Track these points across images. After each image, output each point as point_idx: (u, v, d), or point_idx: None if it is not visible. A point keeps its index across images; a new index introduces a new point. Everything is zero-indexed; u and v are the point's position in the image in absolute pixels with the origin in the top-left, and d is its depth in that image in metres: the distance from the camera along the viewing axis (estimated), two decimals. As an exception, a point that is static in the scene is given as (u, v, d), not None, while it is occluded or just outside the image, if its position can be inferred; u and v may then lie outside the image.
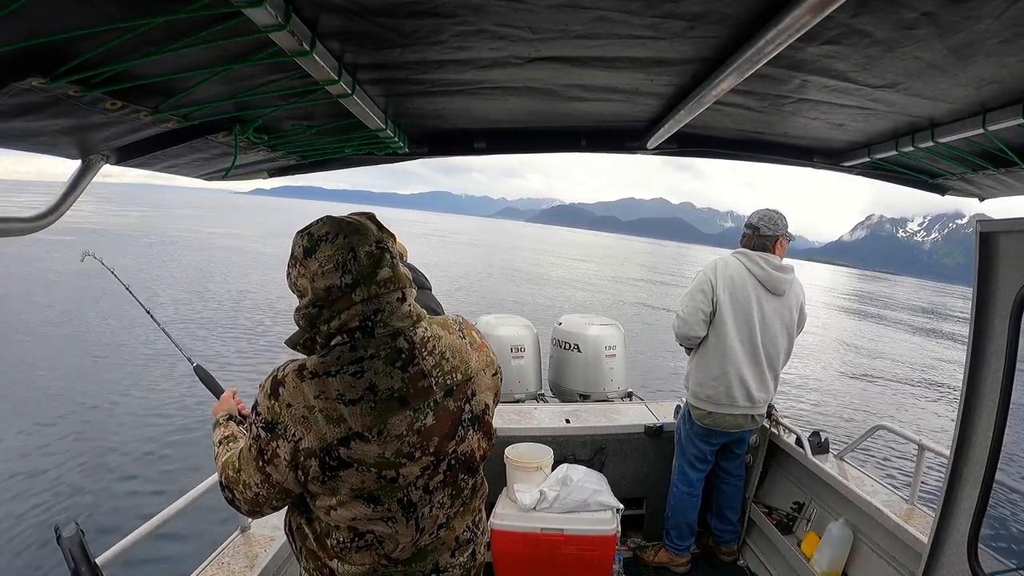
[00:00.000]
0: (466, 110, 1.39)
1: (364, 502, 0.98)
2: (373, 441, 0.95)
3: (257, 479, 0.99)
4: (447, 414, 1.03)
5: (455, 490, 1.08)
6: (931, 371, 15.39)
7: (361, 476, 0.95)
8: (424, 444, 1.00)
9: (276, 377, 0.96)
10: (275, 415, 0.94)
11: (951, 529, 1.48)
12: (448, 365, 1.03)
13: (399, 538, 1.03)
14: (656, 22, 0.83)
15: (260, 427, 0.96)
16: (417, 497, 1.02)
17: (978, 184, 1.50)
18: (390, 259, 1.01)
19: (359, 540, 1.01)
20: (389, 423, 0.95)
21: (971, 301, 1.42)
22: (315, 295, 0.99)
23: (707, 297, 2.50)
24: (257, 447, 0.97)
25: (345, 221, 1.01)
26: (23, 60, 0.68)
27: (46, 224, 1.04)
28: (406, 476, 0.99)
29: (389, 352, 0.98)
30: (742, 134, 1.56)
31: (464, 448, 1.06)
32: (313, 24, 0.79)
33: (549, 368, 3.83)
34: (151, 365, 9.00)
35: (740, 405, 2.54)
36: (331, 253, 0.97)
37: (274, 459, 0.96)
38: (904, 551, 1.98)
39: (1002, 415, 1.35)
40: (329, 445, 0.93)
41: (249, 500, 1.03)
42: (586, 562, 2.31)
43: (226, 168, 1.42)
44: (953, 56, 0.86)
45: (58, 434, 7.03)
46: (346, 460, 0.94)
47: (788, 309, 2.58)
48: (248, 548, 1.80)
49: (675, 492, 2.71)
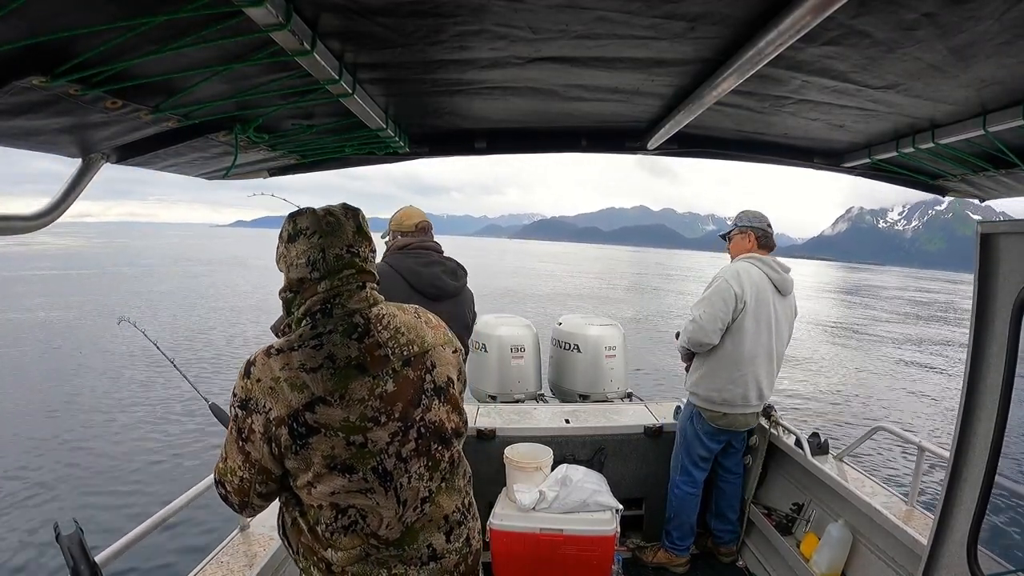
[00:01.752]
0: (466, 110, 1.39)
1: (339, 473, 1.02)
2: (336, 405, 1.01)
3: (239, 460, 1.05)
4: (408, 382, 1.09)
5: (430, 460, 1.12)
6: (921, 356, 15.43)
7: (330, 441, 1.00)
8: (388, 409, 1.05)
9: (248, 360, 1.06)
10: (248, 392, 1.02)
11: (950, 530, 1.47)
12: (404, 338, 1.11)
13: (381, 511, 1.05)
14: (657, 23, 0.83)
15: (237, 407, 1.04)
16: (392, 465, 1.05)
17: (979, 185, 1.50)
18: (358, 262, 1.11)
19: (343, 518, 1.05)
20: (350, 387, 1.02)
21: (971, 302, 1.42)
22: (289, 282, 1.11)
23: (729, 307, 2.47)
24: (236, 427, 1.04)
25: (325, 220, 1.09)
26: (24, 59, 0.68)
27: (46, 223, 1.04)
28: (375, 442, 1.03)
29: (346, 327, 1.06)
30: (742, 135, 1.56)
31: (432, 417, 1.12)
32: (314, 23, 0.79)
33: (549, 368, 3.83)
34: (151, 369, 9.03)
35: (752, 405, 2.60)
36: (305, 248, 1.08)
37: (251, 435, 1.02)
38: (903, 552, 1.98)
39: (1002, 416, 1.34)
40: (295, 411, 0.99)
41: (236, 489, 1.07)
42: (585, 562, 2.31)
43: (226, 167, 1.42)
44: (954, 57, 0.86)
45: (58, 434, 7.05)
46: (313, 426, 1.00)
47: (791, 307, 2.66)
48: (247, 547, 1.80)
49: (678, 493, 2.70)
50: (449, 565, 1.15)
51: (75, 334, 13.35)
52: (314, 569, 1.09)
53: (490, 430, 2.73)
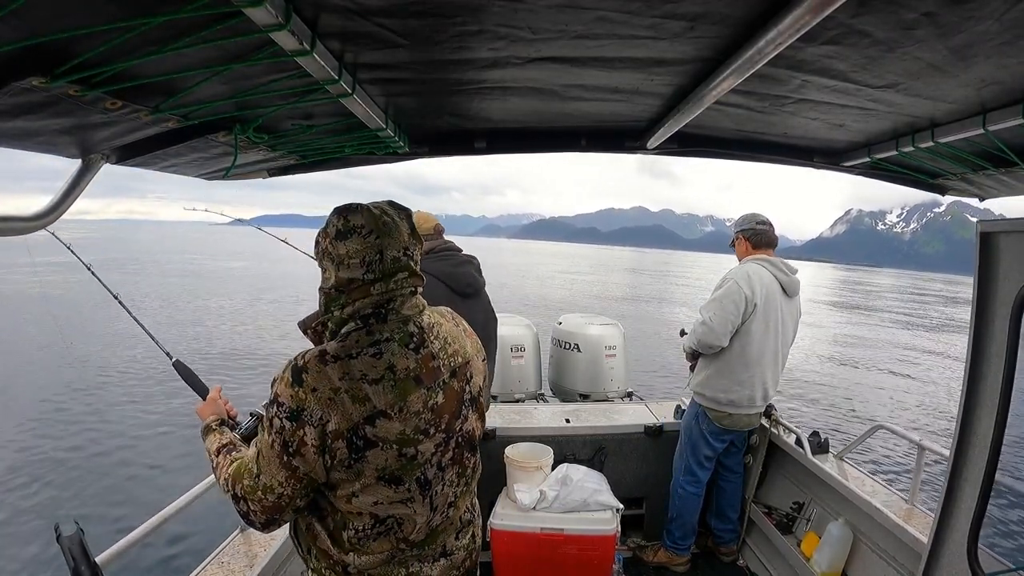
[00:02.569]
0: (466, 110, 1.39)
1: (386, 484, 1.00)
2: (395, 418, 0.98)
3: (281, 477, 0.96)
4: (453, 394, 1.09)
5: (461, 468, 1.14)
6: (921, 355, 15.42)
7: (385, 455, 0.98)
8: (437, 421, 1.05)
9: (296, 365, 0.96)
10: (300, 402, 0.94)
11: (951, 529, 1.48)
12: (451, 349, 1.11)
13: (416, 518, 1.06)
14: (656, 22, 0.83)
15: (284, 418, 0.94)
16: (432, 475, 1.06)
17: (978, 184, 1.50)
18: (412, 265, 1.07)
19: (379, 526, 1.03)
20: (408, 400, 1.00)
21: (971, 301, 1.42)
22: (338, 281, 1.03)
23: (739, 309, 2.47)
24: (281, 440, 0.95)
25: (382, 220, 1.03)
26: (24, 60, 0.68)
27: (46, 223, 1.04)
28: (423, 453, 1.03)
29: (402, 336, 1.03)
30: (742, 134, 1.56)
31: (467, 427, 1.14)
32: (313, 24, 0.79)
33: (549, 368, 3.84)
34: (147, 363, 9.02)
35: (757, 405, 2.61)
36: (360, 248, 1.01)
37: (301, 448, 0.94)
38: (904, 551, 1.98)
39: (1002, 415, 1.35)
40: (356, 424, 0.95)
41: (269, 507, 0.98)
42: (586, 562, 2.31)
43: (226, 168, 1.42)
44: (953, 56, 0.86)
45: (58, 433, 7.05)
46: (371, 439, 0.96)
47: (797, 309, 2.66)
48: (248, 548, 1.81)
49: (682, 492, 2.70)
50: (457, 561, 1.17)
51: (72, 330, 13.34)
52: (328, 572, 1.06)
53: (490, 430, 2.73)
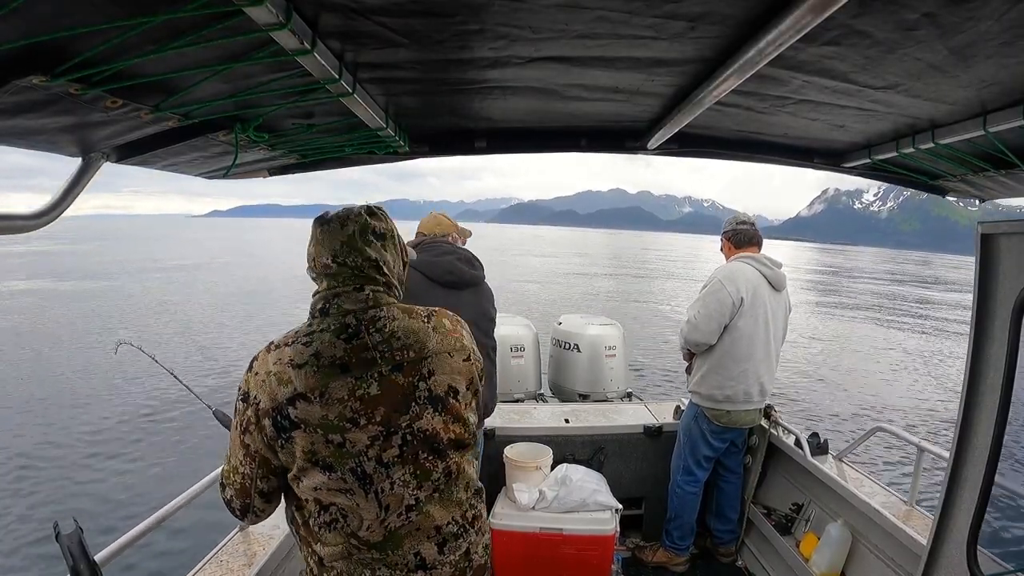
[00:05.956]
0: (467, 109, 1.39)
1: (320, 469, 1.03)
2: (315, 402, 1.03)
3: (240, 455, 1.08)
4: (396, 387, 1.08)
5: (419, 469, 1.09)
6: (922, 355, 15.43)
7: (310, 437, 1.02)
8: (369, 412, 1.05)
9: (254, 356, 1.10)
10: (248, 385, 1.07)
11: (950, 531, 1.48)
12: (398, 343, 1.10)
13: (362, 513, 1.06)
14: (657, 22, 0.83)
15: (239, 400, 1.08)
16: (371, 469, 1.05)
17: (979, 186, 1.50)
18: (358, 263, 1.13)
19: (325, 514, 1.07)
20: (330, 387, 1.04)
21: (972, 302, 1.42)
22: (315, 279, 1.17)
23: (724, 307, 2.52)
24: (238, 420, 1.08)
25: (331, 224, 1.13)
26: (24, 58, 0.68)
27: (46, 222, 1.04)
28: (353, 443, 1.04)
29: (337, 327, 1.09)
30: (742, 135, 1.56)
31: (422, 425, 1.09)
32: (314, 23, 0.79)
33: (549, 368, 3.84)
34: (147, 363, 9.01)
35: (754, 401, 2.63)
36: (312, 251, 1.14)
37: (249, 426, 1.06)
38: (903, 552, 1.98)
39: (1002, 416, 1.35)
40: (279, 404, 1.03)
41: (239, 490, 1.10)
42: (585, 562, 2.31)
43: (226, 167, 1.42)
44: (954, 57, 0.86)
45: (57, 432, 7.05)
46: (295, 420, 1.02)
47: (785, 301, 2.71)
48: (247, 547, 1.81)
49: (680, 493, 2.71)
50: None
51: (73, 337, 13.34)
52: (310, 560, 1.12)
53: (490, 430, 2.73)
